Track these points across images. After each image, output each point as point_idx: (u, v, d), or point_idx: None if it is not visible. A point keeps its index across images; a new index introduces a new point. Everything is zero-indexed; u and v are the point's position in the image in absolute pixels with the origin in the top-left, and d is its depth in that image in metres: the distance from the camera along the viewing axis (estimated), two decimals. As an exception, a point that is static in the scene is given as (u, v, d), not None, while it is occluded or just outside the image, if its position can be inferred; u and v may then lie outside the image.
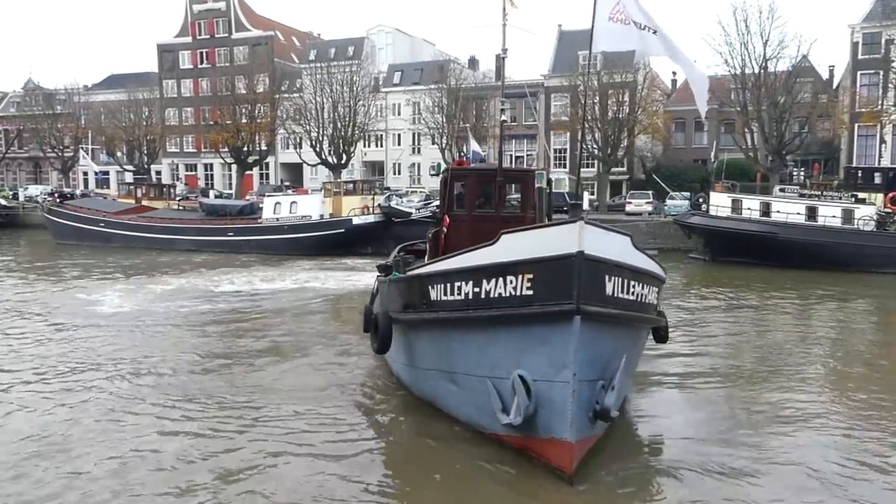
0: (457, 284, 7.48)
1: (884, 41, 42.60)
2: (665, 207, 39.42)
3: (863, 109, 42.36)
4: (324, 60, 55.00)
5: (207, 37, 65.42)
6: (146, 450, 7.89)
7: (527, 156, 53.20)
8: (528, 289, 6.80)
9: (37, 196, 55.31)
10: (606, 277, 6.83)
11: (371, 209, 34.43)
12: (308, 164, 54.53)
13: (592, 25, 8.70)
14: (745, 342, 14.57)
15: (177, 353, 12.53)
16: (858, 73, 44.14)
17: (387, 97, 59.60)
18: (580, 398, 6.78)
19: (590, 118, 43.07)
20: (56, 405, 9.52)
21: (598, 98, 42.72)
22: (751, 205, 29.72)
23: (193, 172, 67.66)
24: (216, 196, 53.15)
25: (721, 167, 37.11)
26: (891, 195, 31.01)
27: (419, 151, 59.09)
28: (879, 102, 41.49)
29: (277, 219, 34.11)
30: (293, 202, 34.83)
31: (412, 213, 33.61)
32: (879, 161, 42.17)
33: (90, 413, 9.15)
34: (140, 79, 65.44)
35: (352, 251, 31.35)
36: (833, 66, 51.37)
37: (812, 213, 28.43)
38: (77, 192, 56.08)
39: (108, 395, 9.95)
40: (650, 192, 41.80)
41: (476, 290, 7.24)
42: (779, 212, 28.69)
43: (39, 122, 61.62)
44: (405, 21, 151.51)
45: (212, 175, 66.72)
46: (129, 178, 56.73)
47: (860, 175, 35.38)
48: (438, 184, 13.58)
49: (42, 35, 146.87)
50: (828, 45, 76.18)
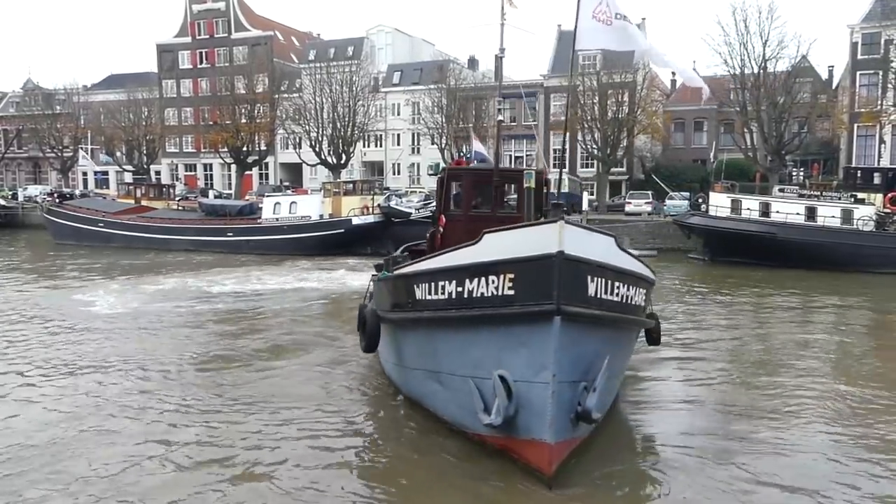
0: (440, 284, 7.44)
1: (883, 41, 42.60)
2: (664, 207, 39.37)
3: (862, 109, 42.38)
4: (323, 60, 55.00)
5: (207, 37, 65.39)
6: (138, 451, 7.86)
7: (526, 156, 53.19)
8: (510, 289, 6.76)
9: (36, 196, 55.24)
10: (589, 278, 6.78)
11: (371, 209, 34.44)
12: (307, 165, 54.53)
13: (576, 25, 8.68)
14: (743, 342, 14.54)
15: (171, 354, 12.49)
16: (858, 74, 44.17)
17: (386, 97, 59.58)
18: (560, 399, 6.72)
19: (589, 118, 43.10)
20: (47, 406, 9.46)
21: (598, 98, 42.72)
22: (750, 205, 29.72)
23: (193, 172, 67.61)
24: (215, 196, 53.04)
25: (720, 167, 37.12)
26: (890, 195, 31.04)
27: (418, 151, 59.07)
28: (879, 102, 41.53)
29: (277, 219, 34.11)
30: (293, 202, 34.82)
31: (412, 214, 33.62)
32: (879, 161, 42.19)
33: (81, 415, 9.09)
34: (139, 79, 65.38)
35: (351, 251, 31.35)
36: (832, 67, 51.48)
37: (811, 214, 28.44)
38: (76, 193, 55.96)
39: (101, 396, 9.90)
40: (649, 193, 41.73)
41: (459, 290, 7.20)
42: (778, 212, 28.70)
43: (39, 122, 61.59)
44: (405, 21, 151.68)
45: (211, 175, 66.68)
46: (129, 179, 56.65)
47: (859, 175, 35.36)
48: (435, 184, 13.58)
49: (41, 35, 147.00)
50: (827, 46, 76.29)
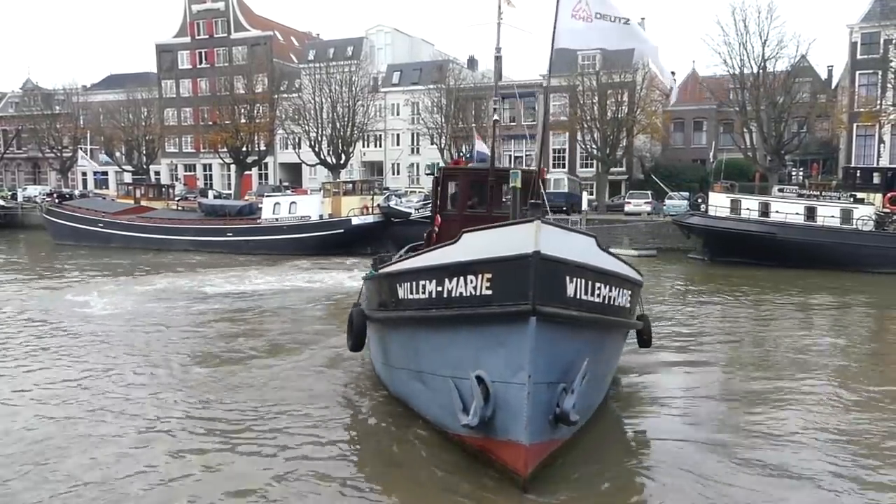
0: (422, 283, 7.40)
1: (882, 41, 42.61)
2: (664, 207, 39.38)
3: (861, 109, 42.38)
4: (323, 60, 54.99)
5: (206, 37, 65.38)
6: (129, 451, 7.82)
7: (525, 156, 53.20)
8: (488, 288, 6.68)
9: (35, 196, 55.19)
10: (567, 278, 6.68)
11: (370, 209, 34.45)
12: (307, 165, 54.54)
13: (555, 24, 8.63)
14: (742, 343, 14.51)
15: (167, 354, 12.44)
16: (857, 73, 44.18)
17: (385, 97, 59.58)
18: (537, 400, 6.61)
19: (589, 118, 43.13)
20: (38, 411, 9.33)
21: (597, 98, 42.74)
22: (749, 205, 29.73)
23: (192, 173, 67.60)
24: (215, 196, 53.06)
25: (720, 167, 37.17)
26: (889, 195, 31.07)
27: (418, 151, 59.09)
28: (878, 102, 41.53)
29: (277, 219, 34.10)
30: (292, 202, 34.82)
31: (411, 214, 33.64)
32: (878, 161, 42.19)
33: (72, 416, 9.00)
34: (139, 79, 65.36)
35: (351, 251, 31.32)
36: (832, 66, 51.57)
37: (811, 213, 28.46)
38: (76, 193, 55.88)
39: (94, 397, 9.84)
40: (649, 192, 41.72)
41: (439, 290, 7.14)
42: (777, 212, 28.73)
43: (38, 123, 61.63)
44: (404, 21, 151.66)
45: (210, 175, 66.67)
46: (128, 179, 56.63)
47: (859, 175, 35.39)
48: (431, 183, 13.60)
49: (41, 35, 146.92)
50: (826, 45, 76.63)
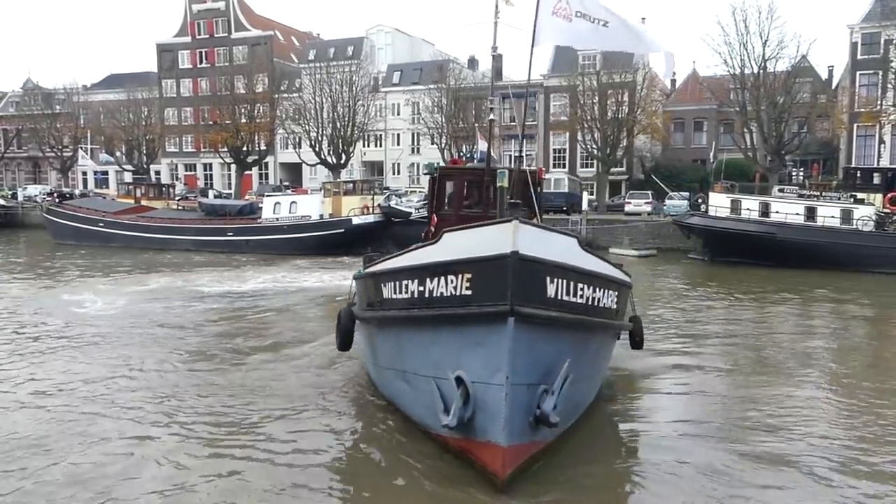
0: (404, 283, 7.40)
1: (883, 41, 42.64)
2: (664, 207, 39.40)
3: (862, 109, 42.42)
4: (323, 60, 55.00)
5: (207, 36, 65.39)
6: (123, 452, 7.80)
7: (525, 155, 53.19)
8: (468, 289, 6.64)
9: (36, 196, 55.24)
10: (548, 279, 6.62)
11: (371, 209, 34.46)
12: (307, 164, 54.54)
13: (535, 20, 8.58)
14: (741, 343, 14.43)
15: (163, 354, 12.41)
16: (857, 74, 44.22)
17: (386, 97, 59.59)
18: (516, 402, 6.54)
19: (589, 118, 43.15)
20: (35, 407, 9.34)
21: (598, 98, 42.75)
22: (750, 205, 29.73)
23: (192, 172, 67.63)
24: (215, 196, 53.07)
25: (720, 167, 37.18)
26: (890, 195, 31.05)
27: (418, 151, 59.09)
28: (878, 102, 41.55)
29: (277, 219, 34.11)
30: (293, 202, 34.83)
31: (411, 213, 33.65)
32: (878, 161, 42.23)
33: (66, 416, 8.98)
34: (139, 78, 65.36)
35: (351, 251, 31.26)
36: (832, 67, 51.60)
37: (811, 214, 28.46)
38: (76, 192, 55.98)
39: (88, 397, 9.81)
40: (649, 193, 41.73)
41: (421, 289, 7.11)
42: (778, 212, 28.72)
43: (38, 122, 61.65)
44: (404, 21, 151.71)
45: (211, 175, 66.70)
46: (129, 178, 56.72)
47: (859, 175, 35.35)
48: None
49: (41, 35, 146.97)
50: (827, 46, 76.49)
